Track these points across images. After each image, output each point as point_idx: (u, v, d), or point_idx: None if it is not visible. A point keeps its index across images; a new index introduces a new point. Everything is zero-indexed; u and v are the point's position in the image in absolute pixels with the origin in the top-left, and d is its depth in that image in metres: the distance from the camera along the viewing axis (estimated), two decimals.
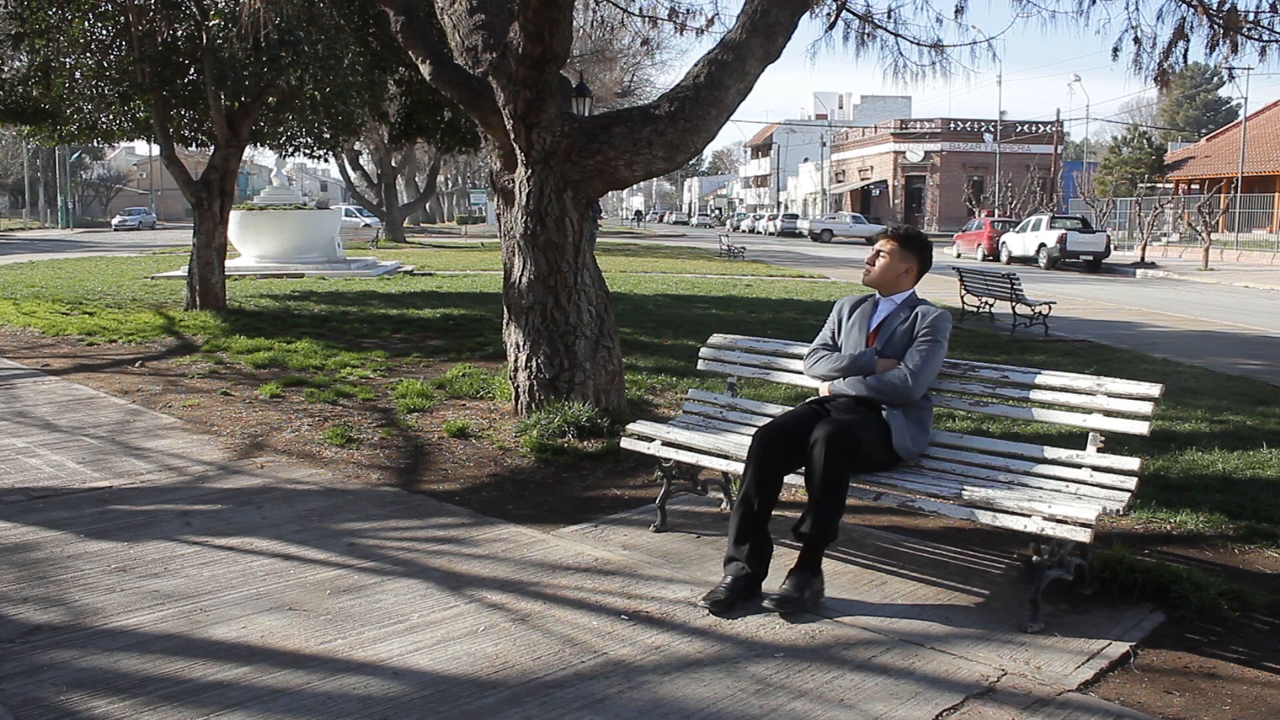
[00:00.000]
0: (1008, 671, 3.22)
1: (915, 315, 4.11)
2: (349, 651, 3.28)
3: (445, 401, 7.33)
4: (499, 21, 6.71)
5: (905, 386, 3.97)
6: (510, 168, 6.76)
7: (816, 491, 3.67)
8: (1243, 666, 3.34)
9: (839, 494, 3.69)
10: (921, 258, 4.21)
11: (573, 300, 6.42)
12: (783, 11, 6.32)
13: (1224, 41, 8.06)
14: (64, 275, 19.98)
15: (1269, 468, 5.76)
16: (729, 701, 2.99)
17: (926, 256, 4.24)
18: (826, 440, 3.66)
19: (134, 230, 58.14)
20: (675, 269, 24.90)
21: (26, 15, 12.11)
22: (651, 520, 4.65)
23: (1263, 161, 40.25)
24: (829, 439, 3.66)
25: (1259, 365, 10.46)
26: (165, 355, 9.51)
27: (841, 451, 3.67)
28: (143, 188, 79.30)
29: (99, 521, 4.57)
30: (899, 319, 4.12)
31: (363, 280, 19.01)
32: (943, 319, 4.09)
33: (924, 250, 4.23)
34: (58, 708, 2.88)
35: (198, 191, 12.56)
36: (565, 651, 3.30)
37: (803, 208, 76.22)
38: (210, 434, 6.34)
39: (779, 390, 7.27)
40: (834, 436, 3.67)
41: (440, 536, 4.48)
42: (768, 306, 15.04)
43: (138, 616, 3.53)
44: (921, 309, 4.14)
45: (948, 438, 4.22)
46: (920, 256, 4.21)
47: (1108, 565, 3.90)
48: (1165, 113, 78.20)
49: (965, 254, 35.38)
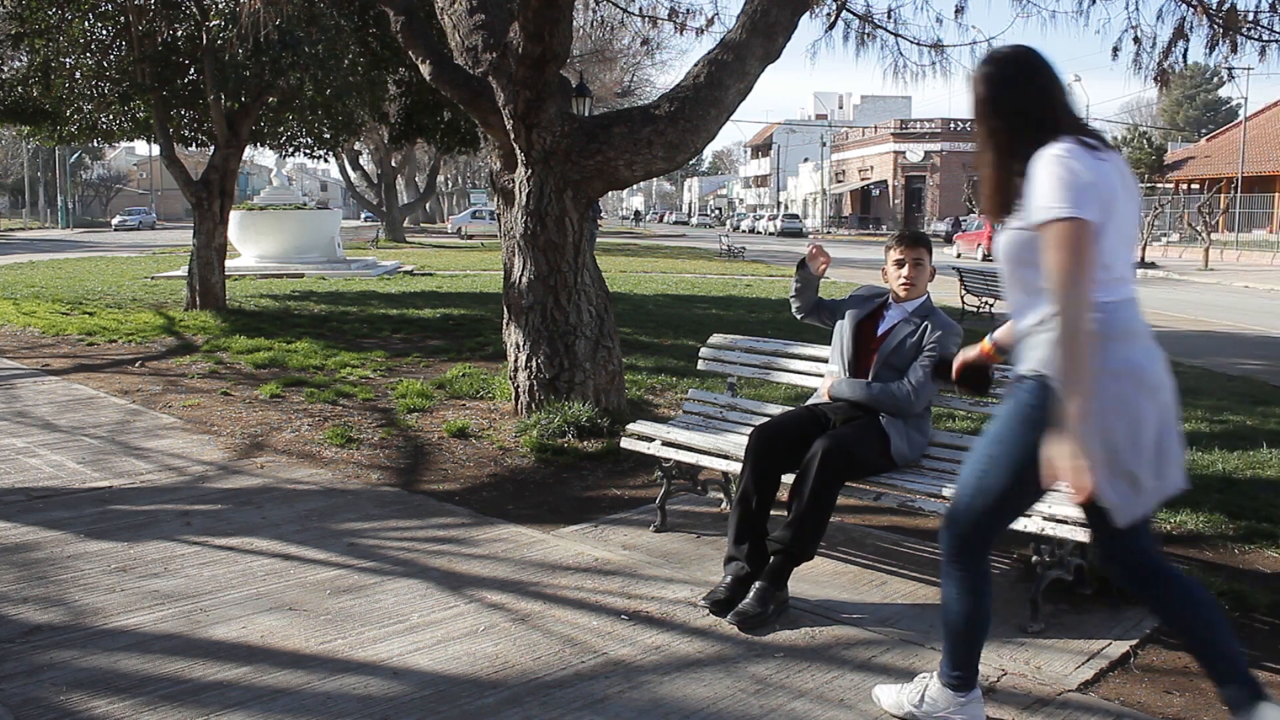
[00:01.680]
0: (1008, 671, 3.22)
1: (925, 327, 3.97)
2: (349, 651, 3.28)
3: (445, 401, 7.33)
4: (499, 21, 6.71)
5: (907, 401, 3.91)
6: (510, 168, 6.76)
7: (802, 504, 3.62)
8: None
9: (823, 513, 3.65)
10: (931, 256, 4.18)
11: (573, 300, 6.42)
12: (783, 11, 6.32)
13: (1224, 41, 8.06)
14: (64, 275, 19.98)
15: (1269, 468, 5.76)
16: (729, 701, 2.99)
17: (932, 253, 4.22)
18: (823, 457, 3.62)
19: (134, 230, 58.16)
20: (675, 269, 24.91)
21: (26, 15, 12.12)
22: (651, 520, 4.65)
23: (1263, 161, 40.26)
24: (825, 456, 3.62)
25: (1259, 365, 10.46)
26: (165, 355, 9.52)
27: (834, 471, 3.64)
28: (143, 188, 79.32)
29: (99, 521, 4.57)
30: (908, 329, 3.99)
31: (363, 280, 19.01)
32: (952, 338, 3.95)
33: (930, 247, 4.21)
34: (58, 708, 2.88)
35: (198, 191, 12.57)
36: (565, 651, 3.31)
37: (803, 208, 76.24)
38: (210, 434, 6.34)
39: (779, 390, 7.27)
40: (830, 454, 3.63)
41: (440, 536, 4.48)
42: (768, 306, 15.04)
43: (138, 616, 3.53)
44: (935, 321, 3.99)
45: (948, 438, 4.21)
46: (930, 255, 4.17)
47: None
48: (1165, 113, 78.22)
49: (965, 254, 35.37)
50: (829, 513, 3.69)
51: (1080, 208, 2.45)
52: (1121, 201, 2.55)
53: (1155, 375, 2.57)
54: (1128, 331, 2.55)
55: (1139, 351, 2.56)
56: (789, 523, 3.64)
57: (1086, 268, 2.45)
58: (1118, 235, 2.55)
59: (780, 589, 3.64)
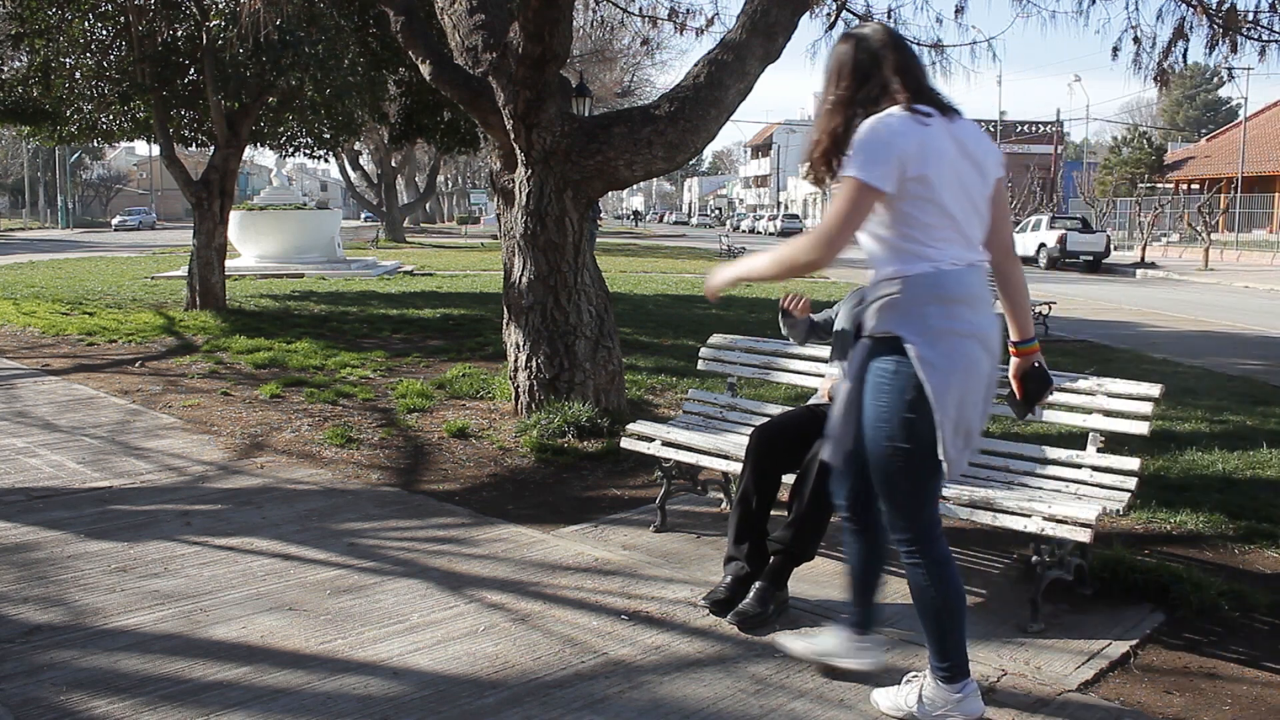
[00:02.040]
0: (1008, 671, 3.22)
1: None
2: (349, 651, 3.28)
3: (445, 401, 7.33)
4: (499, 21, 6.71)
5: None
6: (510, 168, 6.76)
7: (803, 504, 3.63)
8: (1243, 666, 3.34)
9: (824, 513, 3.65)
10: None
11: (573, 300, 6.42)
12: (783, 11, 6.32)
13: (1223, 41, 8.06)
14: (64, 275, 19.98)
15: (1269, 468, 5.76)
16: (729, 701, 2.99)
17: None
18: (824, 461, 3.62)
19: (134, 230, 58.15)
20: (675, 269, 24.92)
21: (26, 15, 12.12)
22: (651, 520, 4.65)
23: (1263, 161, 40.25)
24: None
25: (1259, 365, 10.46)
26: (165, 355, 9.52)
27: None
28: (143, 188, 79.31)
29: (99, 521, 4.57)
30: None
31: (363, 280, 19.01)
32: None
33: None
34: (58, 708, 2.88)
35: (198, 191, 12.57)
36: (565, 651, 3.31)
37: (803, 208, 76.21)
38: (210, 434, 6.34)
39: (779, 390, 7.27)
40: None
41: (440, 536, 4.48)
42: (768, 306, 15.04)
43: (138, 616, 3.53)
44: None
45: None
46: None
47: (1108, 565, 3.90)
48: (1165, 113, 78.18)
49: None
50: (830, 513, 3.69)
51: (866, 170, 2.56)
52: (952, 166, 2.63)
53: (993, 340, 2.70)
54: (971, 296, 2.65)
55: (983, 316, 2.67)
56: (789, 523, 3.64)
57: (849, 230, 2.61)
58: (950, 197, 2.62)
59: (780, 589, 3.64)
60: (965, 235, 2.68)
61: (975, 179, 2.69)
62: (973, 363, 2.64)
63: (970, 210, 2.69)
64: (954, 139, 2.65)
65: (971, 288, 2.66)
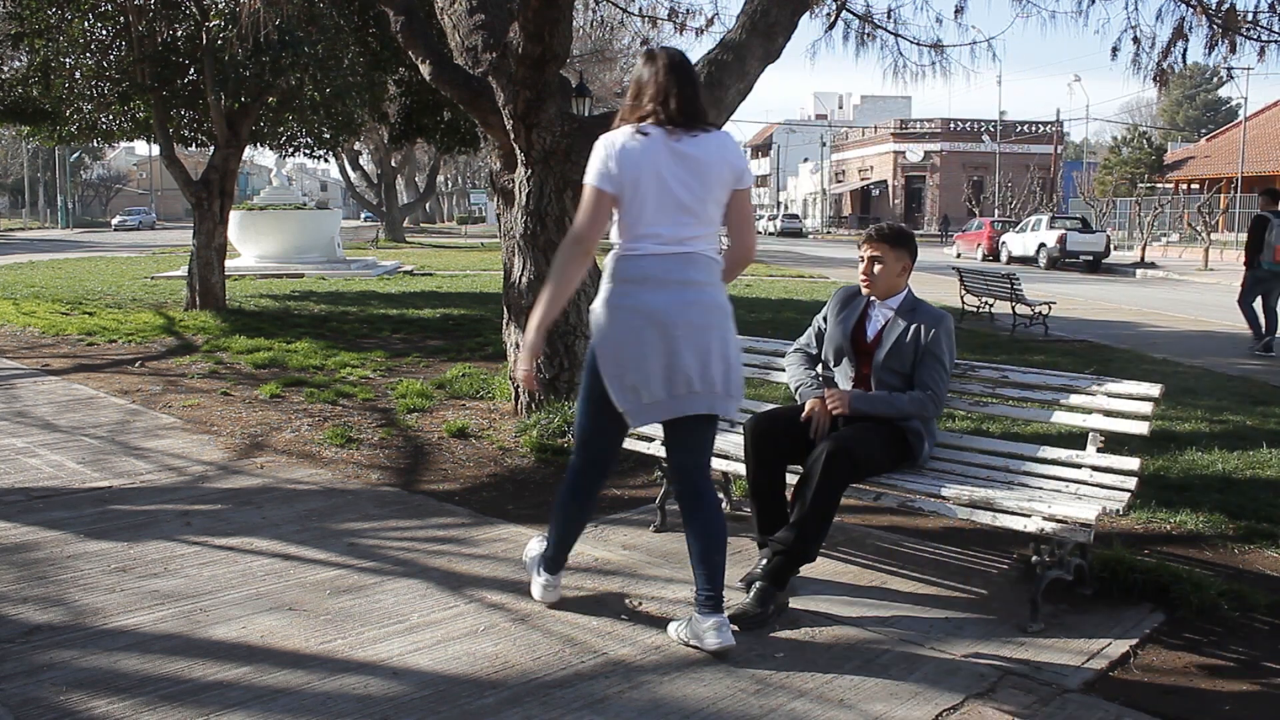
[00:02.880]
0: (1008, 672, 3.22)
1: (919, 324, 3.93)
2: (349, 651, 3.28)
3: (445, 401, 7.33)
4: (499, 21, 6.71)
5: (928, 411, 3.91)
6: (510, 168, 6.76)
7: (805, 506, 3.62)
8: (1243, 666, 3.34)
9: (826, 516, 3.65)
10: (912, 253, 4.06)
11: (572, 300, 6.41)
12: (783, 11, 6.33)
13: (1223, 41, 8.07)
14: (64, 275, 19.98)
15: (1269, 468, 5.76)
16: (729, 701, 2.99)
17: (915, 249, 4.10)
18: (827, 459, 3.61)
19: (134, 230, 58.18)
20: None
21: (26, 15, 12.12)
22: (651, 520, 4.65)
23: (1263, 161, 40.21)
24: (829, 458, 3.60)
25: (1259, 365, 10.46)
26: (165, 355, 9.52)
27: (839, 473, 3.63)
28: (143, 188, 79.34)
29: (99, 521, 4.57)
30: (899, 327, 3.94)
31: (363, 280, 19.01)
32: (948, 330, 3.95)
33: (912, 243, 4.08)
34: (58, 708, 2.88)
35: (198, 191, 12.57)
36: (565, 651, 3.31)
37: (803, 208, 76.21)
38: (210, 434, 6.34)
39: (779, 390, 7.26)
40: (834, 457, 3.61)
41: (440, 536, 4.48)
42: (768, 306, 15.04)
43: (138, 616, 3.53)
44: (923, 315, 3.96)
45: (948, 438, 4.21)
46: (911, 252, 4.06)
47: (1108, 565, 3.90)
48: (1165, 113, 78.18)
49: (965, 254, 35.38)
50: (832, 515, 3.70)
51: (596, 179, 3.19)
52: (658, 174, 3.16)
53: (664, 314, 3.18)
54: (644, 277, 3.20)
55: (648, 293, 3.19)
56: (792, 524, 3.64)
57: (592, 226, 3.21)
58: (655, 201, 3.17)
59: (781, 589, 3.64)
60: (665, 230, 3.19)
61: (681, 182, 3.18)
62: (632, 331, 3.19)
63: (673, 209, 3.19)
64: (669, 150, 3.17)
65: (649, 270, 3.19)
